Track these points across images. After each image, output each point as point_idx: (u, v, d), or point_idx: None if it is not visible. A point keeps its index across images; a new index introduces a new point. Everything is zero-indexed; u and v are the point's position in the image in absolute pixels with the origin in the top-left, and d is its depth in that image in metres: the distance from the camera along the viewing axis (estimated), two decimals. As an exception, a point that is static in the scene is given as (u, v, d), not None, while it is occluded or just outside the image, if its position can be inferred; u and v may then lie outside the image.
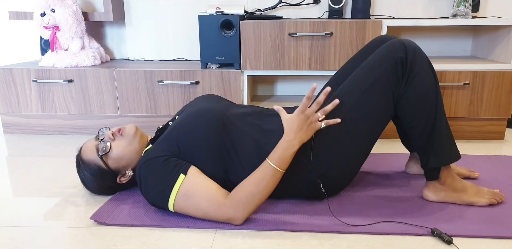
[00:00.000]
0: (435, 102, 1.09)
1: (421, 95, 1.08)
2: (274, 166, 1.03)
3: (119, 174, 1.18)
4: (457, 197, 1.14)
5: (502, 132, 1.77)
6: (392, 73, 1.08)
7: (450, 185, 1.14)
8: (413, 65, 1.07)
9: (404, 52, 1.08)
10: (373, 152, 1.61)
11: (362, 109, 1.10)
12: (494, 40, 1.82)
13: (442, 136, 1.10)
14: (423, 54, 1.10)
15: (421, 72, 1.08)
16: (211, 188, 1.04)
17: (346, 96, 1.10)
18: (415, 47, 1.09)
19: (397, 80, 1.08)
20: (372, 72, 1.10)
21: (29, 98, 1.85)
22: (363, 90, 1.09)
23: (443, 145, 1.10)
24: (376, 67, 1.10)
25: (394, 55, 1.08)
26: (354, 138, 1.11)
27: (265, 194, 1.03)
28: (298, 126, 1.04)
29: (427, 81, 1.08)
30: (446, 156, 1.11)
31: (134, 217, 1.09)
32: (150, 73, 1.78)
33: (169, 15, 2.04)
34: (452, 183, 1.14)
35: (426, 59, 1.10)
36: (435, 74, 1.11)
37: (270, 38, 1.70)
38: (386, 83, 1.08)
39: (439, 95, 1.10)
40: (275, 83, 2.14)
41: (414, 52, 1.08)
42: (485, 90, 1.69)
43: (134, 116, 1.87)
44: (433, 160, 1.10)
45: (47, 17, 1.84)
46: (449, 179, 1.13)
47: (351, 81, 1.13)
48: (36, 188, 1.33)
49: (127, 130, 1.19)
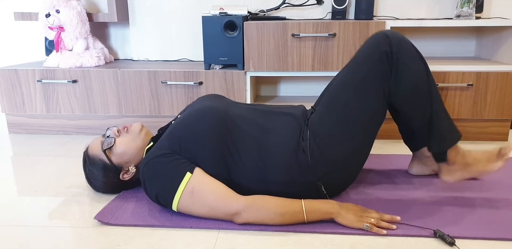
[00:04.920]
0: (428, 91, 1.07)
1: (414, 87, 1.07)
2: (304, 208, 1.03)
3: (122, 170, 1.19)
4: (472, 170, 1.14)
5: (506, 133, 1.76)
6: (380, 69, 1.06)
7: (461, 162, 1.14)
8: (399, 57, 1.05)
9: (389, 44, 1.05)
10: (375, 153, 1.61)
11: (355, 108, 1.09)
12: (498, 41, 1.81)
13: (440, 122, 1.10)
14: (409, 44, 1.07)
15: (409, 63, 1.06)
16: (219, 185, 1.06)
17: (337, 97, 1.10)
18: (400, 38, 1.07)
19: (386, 74, 1.07)
20: (360, 70, 1.09)
21: (33, 98, 1.87)
22: (353, 89, 1.09)
23: (443, 130, 1.12)
24: (362, 64, 1.09)
25: (379, 49, 1.06)
26: (350, 138, 1.10)
27: (275, 218, 1.03)
28: (354, 211, 1.04)
29: (417, 72, 1.07)
30: (448, 140, 1.13)
31: (138, 217, 1.10)
32: (154, 74, 1.79)
33: (173, 16, 2.05)
34: (462, 160, 1.14)
35: (412, 48, 1.08)
36: (424, 62, 1.08)
37: (273, 39, 1.70)
38: (375, 79, 1.07)
39: (432, 82, 1.08)
40: (278, 84, 2.15)
41: (399, 43, 1.06)
42: (489, 91, 1.69)
43: (137, 117, 1.87)
44: (436, 146, 1.13)
45: (52, 18, 1.85)
46: (459, 157, 1.14)
47: (341, 82, 1.12)
48: (40, 187, 1.34)
49: (133, 127, 1.22)
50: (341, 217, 1.03)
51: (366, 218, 1.03)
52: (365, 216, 1.04)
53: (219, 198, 1.04)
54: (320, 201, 1.07)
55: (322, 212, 1.04)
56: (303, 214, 1.03)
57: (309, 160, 1.08)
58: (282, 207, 1.03)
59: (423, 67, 1.08)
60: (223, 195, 1.04)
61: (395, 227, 1.02)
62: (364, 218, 1.03)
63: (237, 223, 1.04)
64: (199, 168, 1.07)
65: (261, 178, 1.09)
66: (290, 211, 1.03)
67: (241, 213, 1.03)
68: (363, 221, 1.02)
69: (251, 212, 1.02)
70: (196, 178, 1.05)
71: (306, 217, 1.03)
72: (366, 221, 1.02)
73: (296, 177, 1.09)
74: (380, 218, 1.04)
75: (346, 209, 1.04)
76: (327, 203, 1.06)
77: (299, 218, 1.03)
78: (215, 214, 1.05)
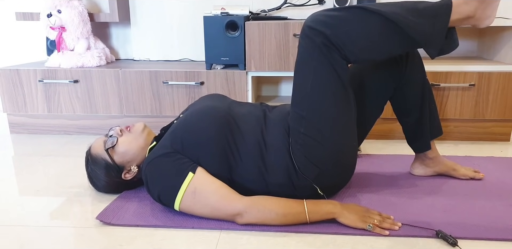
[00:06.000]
0: (398, 35, 0.99)
1: (370, 41, 0.99)
2: (306, 208, 1.03)
3: (124, 169, 1.19)
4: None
5: (508, 133, 1.76)
6: (327, 59, 1.01)
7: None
8: (338, 34, 0.98)
9: (318, 32, 0.99)
10: (377, 153, 1.61)
11: (321, 107, 1.05)
12: (500, 41, 1.81)
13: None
14: (334, 15, 0.99)
15: (349, 29, 0.98)
16: (222, 185, 1.06)
17: (299, 102, 1.07)
18: (321, 19, 0.99)
19: (336, 60, 1.01)
20: (307, 71, 1.04)
21: (35, 98, 1.87)
22: (310, 89, 1.04)
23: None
24: (307, 63, 1.04)
25: (314, 42, 1.00)
26: (328, 135, 1.06)
27: (277, 219, 1.02)
28: (357, 211, 1.04)
29: (369, 30, 0.98)
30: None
31: (140, 217, 1.10)
32: (155, 74, 1.79)
33: (174, 16, 2.05)
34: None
35: (339, 13, 0.99)
36: (373, 10, 0.98)
37: (274, 39, 1.70)
38: (328, 72, 1.03)
39: (396, 24, 0.97)
40: (279, 84, 2.15)
41: (326, 24, 0.98)
42: (491, 91, 1.69)
43: (139, 117, 1.87)
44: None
45: (54, 18, 1.85)
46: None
47: (296, 88, 1.08)
48: (42, 187, 1.34)
49: (135, 127, 1.22)
50: (344, 216, 1.02)
51: (369, 218, 1.03)
52: (368, 216, 1.03)
53: (221, 198, 1.03)
54: (323, 201, 1.07)
55: (325, 212, 1.03)
56: (305, 214, 1.02)
57: (296, 162, 1.07)
58: (284, 208, 1.03)
59: (376, 19, 0.98)
60: (225, 195, 1.04)
61: (398, 228, 1.02)
62: (367, 218, 1.03)
63: (239, 224, 1.04)
64: (201, 168, 1.07)
65: (261, 178, 1.09)
66: (292, 211, 1.03)
67: (243, 214, 1.02)
68: (366, 221, 1.02)
69: (253, 212, 1.02)
70: (198, 178, 1.05)
71: (309, 217, 1.02)
72: (369, 221, 1.02)
73: (294, 178, 1.08)
74: (382, 219, 1.04)
75: (349, 209, 1.04)
76: (329, 203, 1.06)
77: (301, 219, 1.03)
78: (216, 214, 1.05)
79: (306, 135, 1.06)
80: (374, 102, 1.23)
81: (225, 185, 1.06)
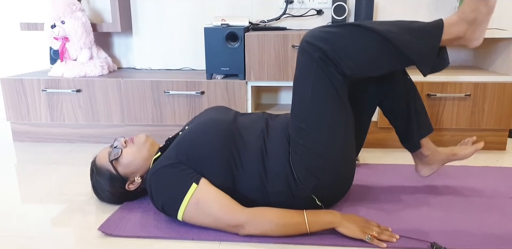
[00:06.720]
0: (392, 52, 1.02)
1: (370, 57, 1.02)
2: (306, 219, 1.04)
3: (128, 180, 1.22)
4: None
5: (504, 143, 1.78)
6: (324, 74, 1.04)
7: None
8: (336, 49, 1.01)
9: (316, 48, 1.02)
10: (376, 162, 1.63)
11: (320, 120, 1.08)
12: (495, 52, 1.84)
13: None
14: (332, 31, 1.02)
15: (346, 45, 1.01)
16: (224, 196, 1.08)
17: (299, 114, 1.10)
18: (319, 35, 1.02)
19: (333, 74, 1.04)
20: (305, 85, 1.07)
21: (38, 107, 1.90)
22: (309, 103, 1.07)
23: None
24: (305, 78, 1.07)
25: (312, 57, 1.03)
26: (327, 148, 1.09)
27: (278, 230, 1.04)
28: (356, 222, 1.05)
29: (362, 44, 1.01)
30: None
31: (141, 228, 1.12)
32: (157, 84, 1.82)
33: (175, 26, 2.09)
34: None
35: (340, 30, 1.02)
36: (369, 28, 1.01)
37: (274, 50, 1.73)
38: (326, 86, 1.05)
39: (391, 41, 1.00)
40: (279, 92, 2.17)
41: (323, 39, 1.01)
42: (486, 101, 1.71)
43: (140, 126, 1.90)
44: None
45: (57, 29, 1.88)
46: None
47: (295, 101, 1.11)
48: (44, 195, 1.37)
49: (138, 138, 1.24)
50: (344, 226, 1.04)
51: (368, 229, 1.04)
52: (367, 227, 1.05)
53: (223, 209, 1.06)
54: (322, 211, 1.09)
55: (325, 222, 1.05)
56: (305, 225, 1.04)
57: (295, 172, 1.10)
58: (285, 218, 1.05)
59: (372, 36, 1.01)
60: (227, 206, 1.07)
61: (395, 240, 1.04)
62: (366, 229, 1.04)
63: (241, 235, 1.06)
64: (205, 179, 1.10)
65: (262, 186, 1.11)
66: (293, 222, 1.05)
67: (244, 225, 1.05)
68: (365, 232, 1.03)
69: (253, 223, 1.04)
70: (201, 189, 1.07)
71: (309, 228, 1.04)
72: (368, 232, 1.03)
73: (293, 188, 1.11)
74: (381, 231, 1.06)
75: (349, 219, 1.06)
76: (329, 213, 1.08)
77: (301, 229, 1.05)
78: (219, 225, 1.07)
79: (306, 147, 1.09)
80: (366, 112, 1.25)
81: (227, 196, 1.09)
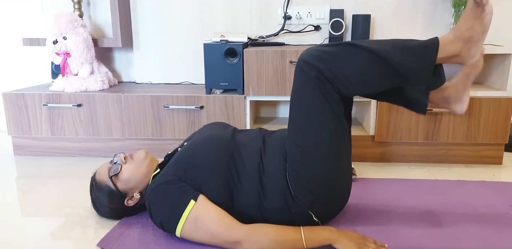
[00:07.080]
0: (388, 71, 1.02)
1: (368, 77, 1.04)
2: (303, 235, 1.05)
3: (127, 196, 1.23)
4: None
5: (500, 157, 1.80)
6: (321, 92, 1.05)
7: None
8: (331, 68, 1.03)
9: (313, 67, 1.03)
10: (373, 177, 1.64)
11: (316, 138, 1.09)
12: (490, 67, 1.87)
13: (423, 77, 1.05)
14: (328, 50, 1.04)
15: (342, 64, 1.02)
16: (223, 213, 1.09)
17: (295, 131, 1.11)
18: (315, 54, 1.04)
19: (330, 93, 1.05)
20: (302, 103, 1.09)
21: (39, 121, 1.92)
22: (305, 120, 1.08)
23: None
24: (302, 96, 1.08)
25: (308, 76, 1.05)
26: (324, 165, 1.10)
27: (275, 247, 1.05)
28: (353, 238, 1.06)
29: (361, 66, 1.02)
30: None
31: (139, 244, 1.13)
32: (157, 98, 1.85)
33: (175, 41, 2.12)
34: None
35: (335, 50, 1.04)
36: (365, 47, 1.02)
37: (272, 65, 1.76)
38: (322, 104, 1.07)
39: (386, 61, 1.01)
40: (277, 106, 2.20)
41: (319, 58, 1.03)
42: (482, 116, 1.74)
43: (140, 140, 1.92)
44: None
45: (59, 45, 1.92)
46: None
47: (292, 118, 1.12)
48: (44, 209, 1.37)
49: (137, 154, 1.26)
50: (340, 243, 1.05)
51: (365, 245, 1.05)
52: (364, 244, 1.06)
53: (222, 226, 1.07)
54: (319, 228, 1.10)
55: (322, 238, 1.06)
56: (302, 241, 1.05)
57: (292, 188, 1.11)
58: (282, 235, 1.06)
59: (360, 54, 1.02)
60: (226, 223, 1.08)
61: None
62: (363, 245, 1.05)
63: None
64: (203, 196, 1.11)
65: (259, 203, 1.13)
66: (290, 238, 1.06)
67: (242, 242, 1.06)
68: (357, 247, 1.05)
69: (251, 240, 1.05)
70: (199, 205, 1.08)
71: (306, 244, 1.05)
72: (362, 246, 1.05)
73: (290, 204, 1.12)
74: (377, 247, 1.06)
75: (346, 235, 1.07)
76: (326, 229, 1.09)
77: (298, 245, 1.05)
78: (217, 241, 1.08)
79: (302, 164, 1.10)
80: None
81: (226, 213, 1.10)
